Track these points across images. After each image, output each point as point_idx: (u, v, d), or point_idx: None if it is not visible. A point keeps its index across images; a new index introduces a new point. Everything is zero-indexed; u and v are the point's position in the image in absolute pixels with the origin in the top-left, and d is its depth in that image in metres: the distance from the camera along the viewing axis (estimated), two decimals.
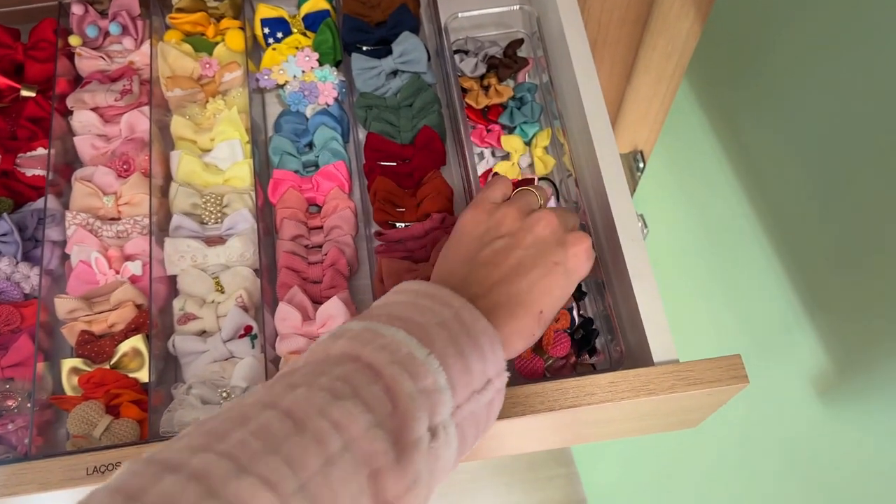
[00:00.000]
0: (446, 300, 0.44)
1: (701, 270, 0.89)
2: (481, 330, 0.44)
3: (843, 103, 0.63)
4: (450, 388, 0.40)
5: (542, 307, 0.49)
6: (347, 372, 0.39)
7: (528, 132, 0.71)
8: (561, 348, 0.60)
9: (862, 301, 0.62)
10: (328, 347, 0.42)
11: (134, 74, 0.74)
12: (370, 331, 0.41)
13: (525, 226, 0.51)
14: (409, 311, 0.44)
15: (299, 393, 0.37)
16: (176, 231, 0.67)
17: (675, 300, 0.93)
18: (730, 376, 0.53)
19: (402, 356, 0.40)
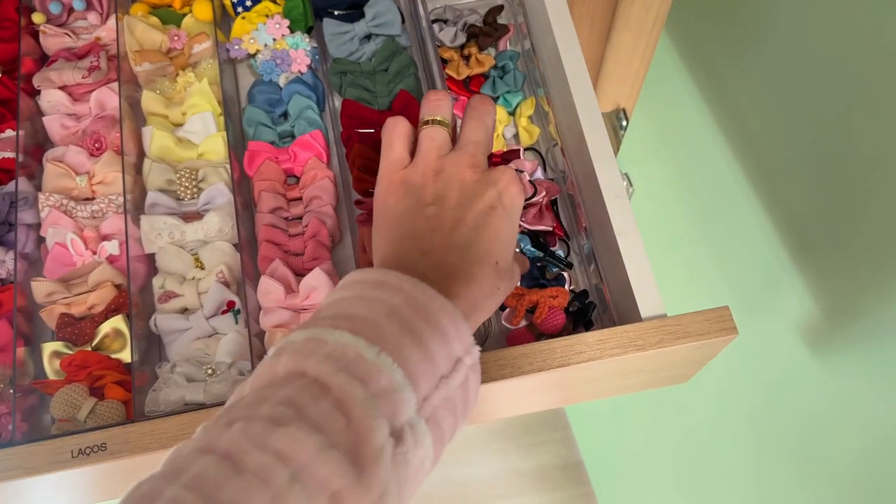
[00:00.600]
0: (396, 284, 0.41)
1: (687, 226, 0.89)
2: (438, 308, 0.40)
3: (828, 50, 0.62)
4: (409, 382, 0.37)
5: (496, 256, 0.45)
6: (291, 393, 0.36)
7: (512, 102, 0.69)
8: (553, 325, 0.59)
9: (849, 250, 0.62)
10: (273, 367, 0.38)
11: (101, 50, 0.72)
12: (313, 340, 0.38)
13: (445, 181, 0.47)
14: (356, 307, 0.40)
15: (236, 429, 0.34)
16: (152, 208, 0.65)
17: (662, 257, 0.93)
18: (718, 328, 0.53)
19: (350, 361, 0.37)
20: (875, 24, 0.57)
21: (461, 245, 0.45)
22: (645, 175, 0.97)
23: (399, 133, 0.50)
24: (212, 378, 0.59)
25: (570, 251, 0.66)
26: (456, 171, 0.47)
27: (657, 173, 0.94)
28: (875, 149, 0.59)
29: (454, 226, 0.45)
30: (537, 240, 0.64)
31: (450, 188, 0.46)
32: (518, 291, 0.62)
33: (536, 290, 0.62)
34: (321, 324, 0.39)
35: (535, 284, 0.63)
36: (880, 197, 0.59)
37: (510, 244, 0.47)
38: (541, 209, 0.64)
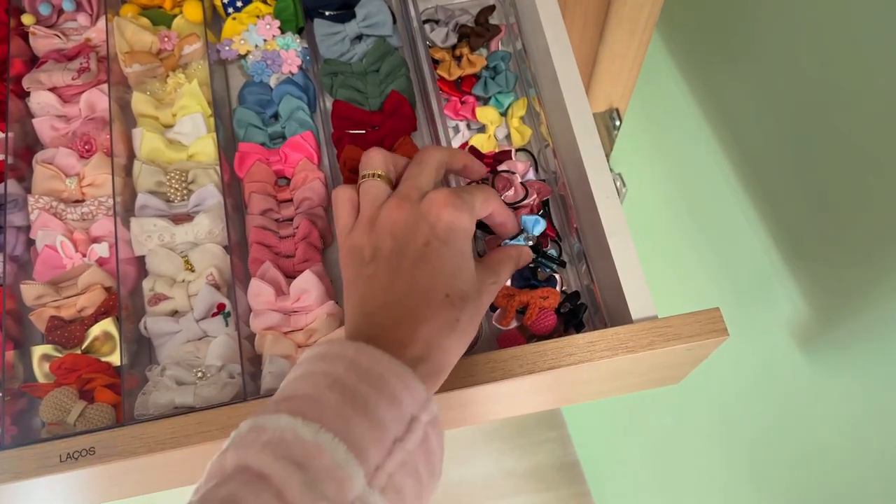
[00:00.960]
0: (339, 353, 0.40)
1: (680, 226, 0.88)
2: (385, 370, 0.39)
3: (821, 51, 0.62)
4: (355, 456, 0.36)
5: (443, 290, 0.44)
6: (233, 490, 0.35)
7: (504, 102, 0.69)
8: (544, 327, 0.59)
9: (841, 249, 0.62)
10: (222, 464, 0.38)
11: (91, 51, 0.71)
12: (255, 429, 0.37)
13: (379, 230, 0.47)
14: (299, 386, 0.40)
15: None
16: (142, 210, 0.65)
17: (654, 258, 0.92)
18: (709, 330, 0.53)
19: (288, 445, 0.36)
20: (869, 28, 0.57)
21: (401, 294, 0.44)
22: (638, 175, 0.97)
23: (341, 201, 0.51)
24: (202, 381, 0.58)
25: (561, 252, 0.65)
26: (387, 216, 0.47)
27: (650, 173, 0.94)
28: (866, 150, 0.59)
29: (391, 278, 0.45)
30: None
31: (383, 238, 0.47)
32: (508, 292, 0.62)
33: (527, 290, 0.61)
34: (265, 411, 0.39)
35: (526, 285, 0.62)
36: (872, 198, 0.59)
37: (457, 273, 0.46)
38: (532, 210, 0.64)
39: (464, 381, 0.52)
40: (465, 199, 0.47)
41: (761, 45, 0.69)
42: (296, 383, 0.40)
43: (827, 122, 0.63)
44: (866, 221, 0.59)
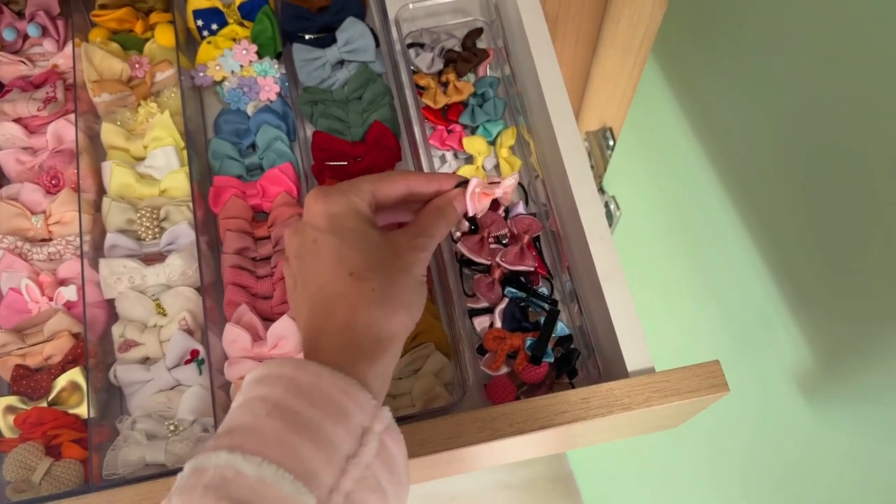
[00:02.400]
0: (277, 374, 0.39)
1: (675, 256, 0.85)
2: (328, 384, 0.38)
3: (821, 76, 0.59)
4: (303, 483, 0.34)
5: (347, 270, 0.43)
6: None
7: (492, 131, 0.66)
8: (535, 375, 0.56)
9: (846, 296, 0.59)
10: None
11: (58, 79, 0.68)
12: (196, 472, 0.35)
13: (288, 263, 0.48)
14: (238, 416, 0.37)
15: None
16: (111, 250, 0.62)
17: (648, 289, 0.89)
18: (708, 385, 0.50)
19: (230, 485, 0.34)
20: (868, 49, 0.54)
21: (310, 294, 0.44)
22: (632, 197, 0.93)
23: None
24: (174, 435, 0.55)
25: (553, 290, 0.63)
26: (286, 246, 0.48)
27: (645, 197, 0.91)
28: (873, 184, 0.56)
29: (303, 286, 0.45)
30: (519, 279, 0.61)
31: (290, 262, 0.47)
32: (498, 335, 0.59)
33: (519, 333, 0.59)
34: (207, 448, 0.37)
35: (518, 327, 0.60)
36: (878, 237, 0.56)
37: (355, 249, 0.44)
38: (522, 248, 0.61)
39: (450, 443, 0.49)
40: (337, 187, 0.46)
41: (759, 68, 0.66)
42: (235, 413, 0.38)
43: (830, 152, 0.60)
44: (873, 265, 0.56)
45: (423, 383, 0.57)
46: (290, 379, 0.38)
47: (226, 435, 0.37)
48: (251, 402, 0.38)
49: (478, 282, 0.61)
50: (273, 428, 0.36)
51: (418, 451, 0.48)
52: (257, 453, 0.35)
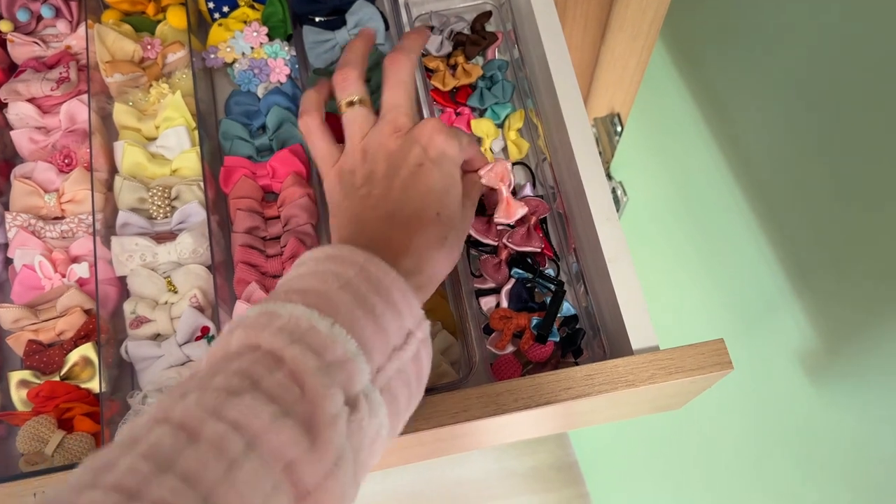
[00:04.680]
0: (349, 258, 0.42)
1: (682, 241, 0.86)
2: (391, 283, 0.41)
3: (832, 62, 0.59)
4: (363, 353, 0.38)
5: (434, 208, 0.47)
6: (245, 364, 0.36)
7: (500, 114, 0.66)
8: (541, 353, 0.56)
9: (850, 278, 0.59)
10: (227, 343, 0.39)
11: (71, 60, 0.69)
12: (267, 314, 0.38)
13: (372, 157, 0.49)
14: (309, 281, 0.40)
15: (190, 399, 0.34)
16: (123, 228, 0.62)
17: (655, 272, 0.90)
18: (713, 363, 0.51)
19: (303, 333, 0.37)
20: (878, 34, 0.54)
21: (394, 209, 0.46)
22: (640, 183, 0.94)
23: (313, 130, 0.52)
24: None
25: (559, 271, 0.63)
26: (379, 145, 0.49)
27: (652, 183, 0.91)
28: (879, 168, 0.56)
29: (384, 195, 0.47)
30: (525, 261, 0.62)
31: (377, 163, 0.49)
32: (504, 314, 0.59)
33: (525, 313, 0.59)
34: (275, 299, 0.40)
35: (524, 307, 0.60)
36: (882, 219, 0.56)
37: (448, 192, 0.48)
38: (529, 229, 0.62)
39: (456, 417, 0.49)
40: (455, 131, 0.50)
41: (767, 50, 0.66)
42: (305, 279, 0.41)
43: (838, 137, 0.60)
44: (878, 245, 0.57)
45: None
46: (361, 266, 0.41)
47: (297, 293, 0.39)
48: (322, 274, 0.41)
49: (485, 262, 0.62)
50: (344, 300, 0.39)
51: (424, 425, 0.49)
52: (331, 315, 0.38)
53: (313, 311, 0.38)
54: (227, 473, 0.31)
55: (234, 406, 0.33)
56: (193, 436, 0.32)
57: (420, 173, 0.47)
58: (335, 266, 0.41)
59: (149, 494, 0.30)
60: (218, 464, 0.31)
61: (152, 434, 0.33)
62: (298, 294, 0.39)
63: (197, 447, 0.32)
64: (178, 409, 0.34)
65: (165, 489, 0.30)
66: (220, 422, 0.33)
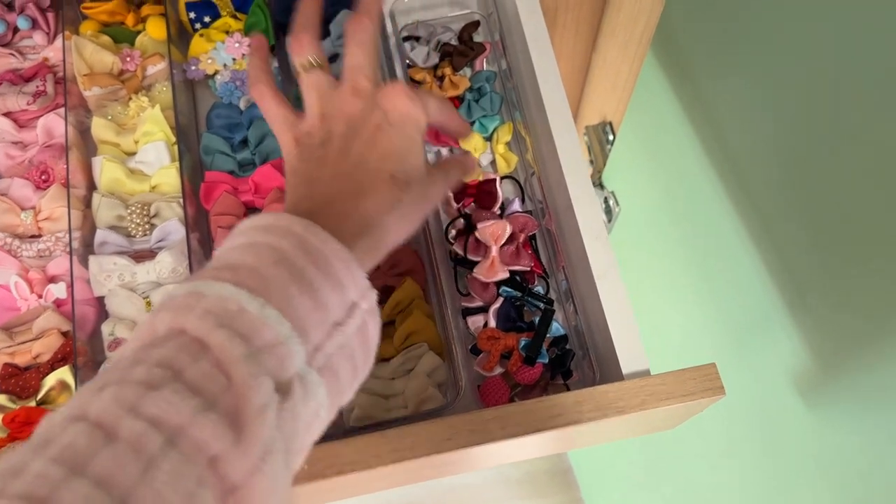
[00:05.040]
0: (286, 228, 0.39)
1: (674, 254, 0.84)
2: (331, 253, 0.39)
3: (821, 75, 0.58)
4: (297, 334, 0.36)
5: (389, 170, 0.45)
6: (168, 353, 0.34)
7: (488, 126, 0.65)
8: (529, 376, 0.55)
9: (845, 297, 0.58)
10: (153, 325, 0.36)
11: (48, 72, 0.67)
12: (194, 294, 0.36)
13: (331, 119, 0.46)
14: (243, 256, 0.38)
15: (107, 395, 0.32)
16: (101, 247, 0.61)
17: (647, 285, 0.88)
18: (704, 388, 0.49)
19: (231, 316, 0.35)
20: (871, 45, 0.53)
21: (348, 170, 0.45)
22: (633, 193, 0.92)
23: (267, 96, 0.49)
24: None
25: (549, 289, 0.62)
26: (340, 107, 0.47)
27: (645, 193, 0.90)
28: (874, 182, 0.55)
29: (340, 155, 0.45)
30: (514, 279, 0.60)
31: (336, 125, 0.46)
32: (492, 335, 0.58)
33: (513, 333, 0.58)
34: (204, 276, 0.37)
35: (513, 327, 0.59)
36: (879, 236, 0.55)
37: (405, 155, 0.46)
38: (517, 247, 0.60)
39: (441, 446, 0.48)
40: (421, 94, 0.47)
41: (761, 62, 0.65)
42: (237, 252, 0.39)
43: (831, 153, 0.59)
44: (873, 263, 0.55)
45: (416, 384, 0.56)
46: (299, 237, 0.39)
47: (228, 269, 0.37)
48: (257, 247, 0.38)
49: (472, 280, 0.60)
50: (279, 277, 0.37)
51: (409, 455, 0.48)
52: (262, 295, 0.36)
53: (242, 292, 0.35)
54: (144, 473, 0.30)
55: (153, 401, 0.31)
56: (110, 435, 0.30)
57: (378, 136, 0.45)
58: (272, 238, 0.39)
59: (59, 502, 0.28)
60: (135, 464, 0.30)
61: (66, 434, 0.30)
62: (229, 271, 0.37)
63: (113, 447, 0.30)
64: (94, 405, 0.31)
65: (78, 495, 0.28)
66: (138, 419, 0.31)
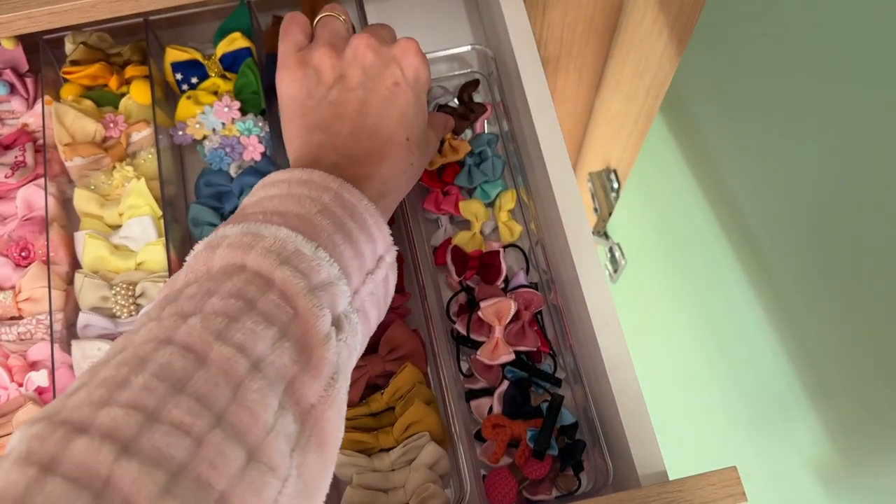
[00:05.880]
0: (322, 183, 0.41)
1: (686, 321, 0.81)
2: (364, 209, 0.42)
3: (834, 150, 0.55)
4: (344, 276, 0.39)
5: (405, 133, 0.47)
6: (237, 285, 0.36)
7: (491, 193, 0.62)
8: (538, 470, 0.52)
9: (869, 389, 0.55)
10: (209, 260, 0.38)
11: (28, 140, 0.64)
12: (250, 234, 0.38)
13: (346, 62, 0.47)
14: (287, 204, 0.40)
15: (193, 323, 0.34)
16: (84, 330, 0.58)
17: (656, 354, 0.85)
18: (724, 495, 0.46)
19: (290, 255, 0.37)
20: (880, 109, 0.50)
21: (370, 128, 0.46)
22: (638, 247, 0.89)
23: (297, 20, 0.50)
24: None
25: (556, 366, 0.59)
26: (355, 51, 0.47)
27: (651, 250, 0.87)
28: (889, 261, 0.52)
29: (360, 109, 0.46)
30: (520, 358, 0.57)
31: (351, 68, 0.47)
32: (498, 422, 0.55)
33: (520, 421, 0.55)
34: (254, 219, 0.39)
35: (519, 413, 0.56)
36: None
37: (418, 117, 0.48)
38: (523, 326, 0.57)
39: None
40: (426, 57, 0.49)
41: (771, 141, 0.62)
42: (281, 201, 0.41)
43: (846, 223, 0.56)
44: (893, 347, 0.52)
45: (417, 476, 0.53)
46: (335, 192, 0.41)
47: (277, 215, 0.39)
48: (299, 198, 0.41)
49: (475, 361, 0.58)
50: (324, 225, 0.39)
51: None
52: (314, 239, 0.38)
53: (297, 235, 0.38)
54: (236, 394, 0.32)
55: (237, 330, 0.34)
56: (201, 359, 0.33)
57: (396, 94, 0.47)
58: (310, 191, 0.41)
59: (166, 414, 0.30)
60: (227, 385, 0.33)
61: (159, 355, 0.33)
62: (279, 216, 0.39)
63: (206, 370, 0.33)
64: (181, 331, 0.34)
65: (182, 409, 0.31)
66: (226, 345, 0.34)
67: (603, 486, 0.52)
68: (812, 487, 0.62)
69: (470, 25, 0.70)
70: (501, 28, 0.61)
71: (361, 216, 0.41)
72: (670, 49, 0.66)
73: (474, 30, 0.69)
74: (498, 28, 0.63)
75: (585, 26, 0.74)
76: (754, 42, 0.62)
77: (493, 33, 0.66)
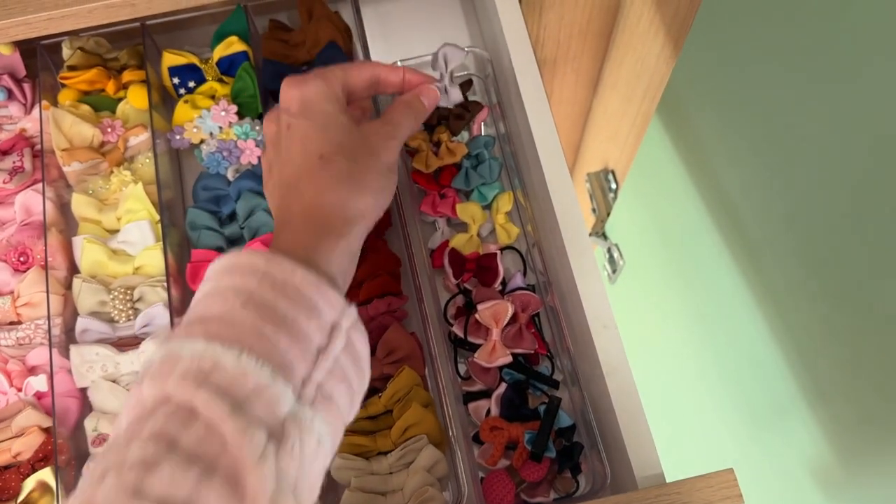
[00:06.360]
0: (248, 266, 0.39)
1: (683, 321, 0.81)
2: (300, 282, 0.38)
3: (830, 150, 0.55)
4: (280, 374, 0.35)
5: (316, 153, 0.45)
6: (159, 424, 0.34)
7: (488, 195, 0.62)
8: (536, 473, 0.52)
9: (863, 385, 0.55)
10: (140, 396, 0.36)
11: (26, 146, 0.64)
12: (169, 359, 0.36)
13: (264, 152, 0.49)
14: (211, 305, 0.38)
15: (109, 482, 0.32)
16: (83, 335, 0.58)
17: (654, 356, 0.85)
18: (722, 497, 0.47)
19: (208, 373, 0.34)
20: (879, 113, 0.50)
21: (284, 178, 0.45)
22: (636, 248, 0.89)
23: None
24: None
25: (554, 369, 0.59)
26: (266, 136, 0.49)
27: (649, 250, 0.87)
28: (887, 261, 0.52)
29: (276, 170, 0.47)
30: (517, 361, 0.57)
31: (268, 151, 0.48)
32: (495, 424, 0.55)
33: (517, 424, 0.55)
34: (177, 335, 0.37)
35: (517, 415, 0.56)
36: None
37: (324, 131, 0.46)
38: (521, 329, 0.58)
39: None
40: (312, 73, 0.48)
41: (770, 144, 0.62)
42: (206, 301, 0.39)
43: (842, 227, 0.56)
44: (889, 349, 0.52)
45: (415, 479, 0.53)
46: (263, 272, 0.38)
47: (199, 323, 0.37)
48: (223, 292, 0.38)
49: (473, 363, 0.58)
50: (249, 319, 0.36)
51: None
52: (235, 344, 0.35)
53: (215, 345, 0.35)
54: None
55: (155, 481, 0.32)
56: None
57: (291, 133, 0.46)
58: (236, 279, 0.38)
59: None
60: None
61: None
62: (200, 324, 0.37)
63: None
64: (98, 496, 0.32)
65: None
66: (144, 501, 0.31)
67: (600, 488, 0.52)
68: (809, 489, 0.62)
69: (467, 28, 0.70)
70: (497, 30, 0.61)
71: (297, 290, 0.38)
72: (667, 50, 0.66)
73: (471, 32, 0.70)
74: (494, 30, 0.63)
75: (582, 28, 0.74)
76: (750, 43, 0.62)
77: (489, 36, 0.66)
